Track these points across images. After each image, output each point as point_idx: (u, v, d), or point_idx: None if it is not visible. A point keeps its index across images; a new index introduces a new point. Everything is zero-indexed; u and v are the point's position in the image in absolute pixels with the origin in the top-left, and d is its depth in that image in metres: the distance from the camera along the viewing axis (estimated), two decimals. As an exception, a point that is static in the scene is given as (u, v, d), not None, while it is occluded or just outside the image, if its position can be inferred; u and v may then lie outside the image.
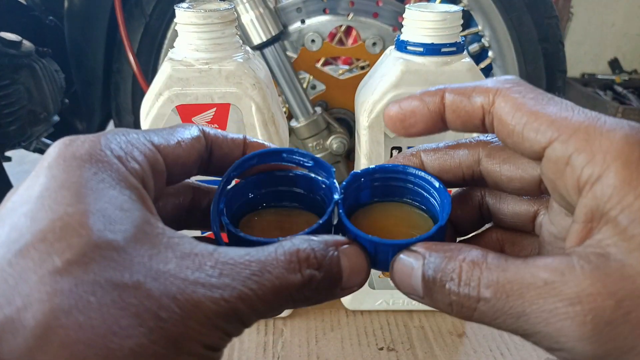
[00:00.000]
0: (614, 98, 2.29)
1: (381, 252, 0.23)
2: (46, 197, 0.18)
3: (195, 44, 0.42)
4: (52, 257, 0.17)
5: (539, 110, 0.21)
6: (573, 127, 0.20)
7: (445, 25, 0.43)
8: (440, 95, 0.24)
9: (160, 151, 0.22)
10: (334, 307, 0.56)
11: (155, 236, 0.19)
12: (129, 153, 0.21)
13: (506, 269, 0.19)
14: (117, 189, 0.19)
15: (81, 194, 0.18)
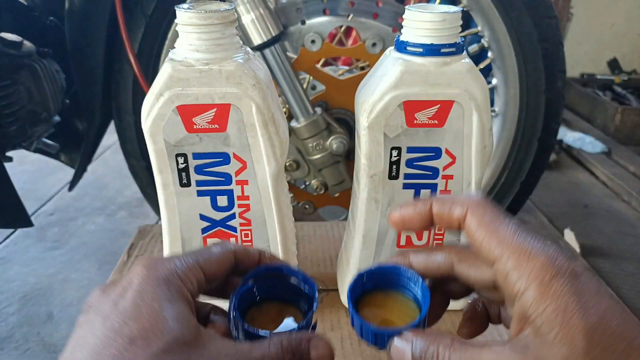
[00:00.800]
0: (613, 98, 2.29)
1: (380, 337, 0.32)
2: (142, 307, 0.28)
3: (196, 44, 0.42)
4: (152, 346, 0.27)
5: (493, 231, 0.30)
6: (512, 250, 0.28)
7: (445, 26, 0.43)
8: (429, 205, 0.33)
9: (204, 272, 0.32)
10: (334, 307, 0.56)
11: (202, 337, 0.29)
12: (188, 277, 0.31)
13: (466, 351, 0.28)
14: (182, 302, 0.30)
15: (164, 306, 0.28)
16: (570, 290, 0.26)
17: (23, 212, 0.96)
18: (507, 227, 0.30)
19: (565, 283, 0.27)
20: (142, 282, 0.29)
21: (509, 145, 1.01)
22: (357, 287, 0.36)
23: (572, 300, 0.26)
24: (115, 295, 0.29)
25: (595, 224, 1.48)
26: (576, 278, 0.27)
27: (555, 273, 0.27)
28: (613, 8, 2.51)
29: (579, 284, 0.27)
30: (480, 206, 0.31)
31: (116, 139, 1.03)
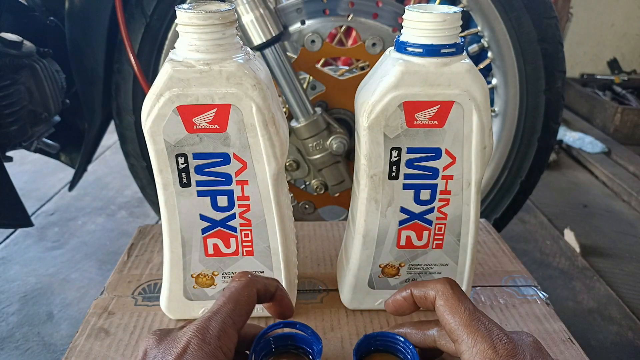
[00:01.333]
0: (613, 98, 2.29)
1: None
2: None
3: (196, 44, 0.43)
4: None
5: (454, 316, 0.39)
6: (467, 334, 0.38)
7: (445, 26, 0.43)
8: (410, 291, 0.43)
9: (239, 333, 0.39)
10: (333, 307, 0.57)
11: None
12: (229, 347, 0.37)
13: None
14: None
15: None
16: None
17: (23, 212, 0.96)
18: (466, 312, 0.39)
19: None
20: (196, 349, 0.35)
21: (509, 145, 1.01)
22: (362, 347, 0.45)
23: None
24: (173, 356, 0.35)
25: (595, 224, 1.48)
26: (512, 357, 0.36)
27: (493, 356, 0.36)
28: (613, 8, 2.51)
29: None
30: (446, 291, 0.40)
31: (116, 139, 1.03)
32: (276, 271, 0.52)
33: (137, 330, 0.53)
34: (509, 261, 0.66)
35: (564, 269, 1.28)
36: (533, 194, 1.10)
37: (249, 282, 0.41)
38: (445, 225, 0.51)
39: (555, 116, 0.98)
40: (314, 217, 1.04)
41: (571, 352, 0.50)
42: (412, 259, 0.53)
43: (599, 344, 1.04)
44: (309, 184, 1.00)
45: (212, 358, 0.35)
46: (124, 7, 0.84)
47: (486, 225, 0.75)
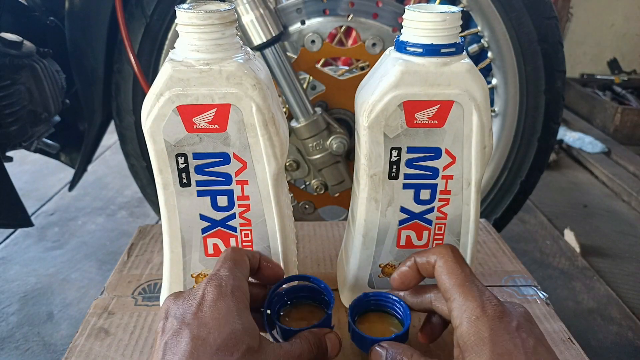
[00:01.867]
0: (613, 98, 2.29)
1: (369, 341, 0.45)
2: (220, 319, 0.36)
3: (196, 44, 0.43)
4: (233, 354, 0.35)
5: (450, 276, 0.40)
6: (459, 293, 0.39)
7: (445, 26, 0.43)
8: (413, 260, 0.44)
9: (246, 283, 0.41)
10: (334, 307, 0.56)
11: (262, 343, 0.38)
12: (245, 291, 0.40)
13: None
14: (247, 313, 0.38)
15: (235, 319, 0.37)
16: (487, 328, 0.36)
17: (23, 212, 0.96)
18: (461, 274, 0.40)
19: (485, 322, 0.37)
20: (215, 297, 0.37)
21: (508, 145, 1.01)
22: (358, 306, 0.48)
23: (487, 336, 0.36)
24: (194, 307, 0.37)
25: (595, 224, 1.48)
26: (499, 319, 0.37)
27: (480, 314, 0.37)
28: (613, 8, 2.51)
29: (498, 324, 0.37)
30: (446, 254, 0.41)
31: (116, 139, 1.03)
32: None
33: (137, 330, 0.53)
34: (509, 261, 0.66)
35: (564, 269, 1.28)
36: (533, 194, 1.10)
37: (235, 248, 0.44)
38: (445, 225, 0.51)
39: (555, 116, 0.98)
40: (314, 217, 1.04)
41: (571, 352, 0.50)
42: (412, 258, 0.53)
43: (599, 344, 1.04)
44: (309, 184, 1.00)
45: (229, 302, 0.37)
46: (124, 7, 0.84)
47: (486, 225, 0.75)
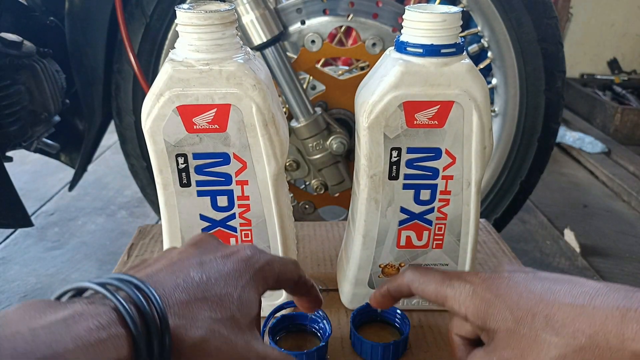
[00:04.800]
0: (613, 98, 2.29)
1: (369, 347, 0.48)
2: (228, 280, 0.32)
3: (196, 44, 0.43)
4: (224, 309, 0.31)
5: (429, 284, 0.39)
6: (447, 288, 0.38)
7: (445, 26, 0.43)
8: (385, 287, 0.43)
9: (276, 282, 0.37)
10: (333, 307, 0.57)
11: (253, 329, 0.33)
12: (267, 279, 0.35)
13: None
14: (257, 293, 0.34)
15: (245, 289, 0.33)
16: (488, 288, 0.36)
17: (23, 212, 0.96)
18: (438, 277, 0.39)
19: (483, 287, 0.36)
20: (239, 261, 0.34)
21: (509, 145, 1.01)
22: (359, 315, 0.51)
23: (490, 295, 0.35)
24: (220, 255, 0.34)
25: (595, 224, 1.48)
26: (491, 277, 0.37)
27: (475, 285, 0.36)
28: (613, 8, 2.51)
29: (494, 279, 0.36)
30: (414, 274, 0.40)
31: (116, 139, 1.03)
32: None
33: (137, 330, 0.53)
34: (509, 261, 0.66)
35: (564, 269, 1.28)
36: (533, 194, 1.10)
37: (297, 266, 0.40)
38: (445, 225, 0.51)
39: (555, 116, 0.98)
40: (314, 217, 1.04)
41: (571, 352, 0.50)
42: (412, 259, 0.53)
43: (599, 344, 1.04)
44: (309, 184, 1.00)
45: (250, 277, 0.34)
46: (124, 7, 0.84)
47: (486, 225, 0.75)
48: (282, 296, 0.53)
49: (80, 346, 0.24)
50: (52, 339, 0.23)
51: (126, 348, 0.26)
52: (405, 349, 0.50)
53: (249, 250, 0.35)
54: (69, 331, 0.24)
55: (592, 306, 0.32)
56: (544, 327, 0.33)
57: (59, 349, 0.23)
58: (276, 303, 0.51)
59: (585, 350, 0.31)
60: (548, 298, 0.34)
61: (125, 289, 0.28)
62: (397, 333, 0.51)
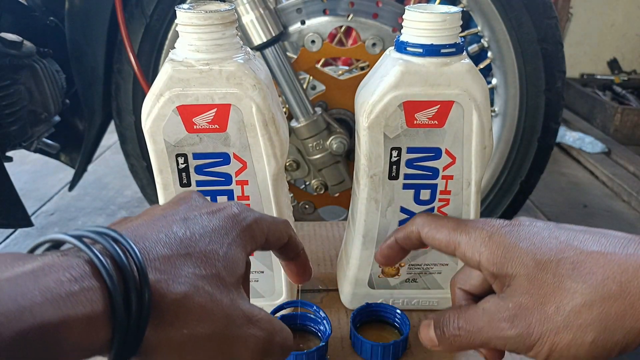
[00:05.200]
0: (613, 98, 2.29)
1: (369, 347, 0.48)
2: (214, 237, 0.30)
3: (196, 44, 0.43)
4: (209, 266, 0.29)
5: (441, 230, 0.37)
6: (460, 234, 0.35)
7: (445, 27, 0.43)
8: (393, 238, 0.41)
9: (266, 242, 0.35)
10: (333, 307, 0.57)
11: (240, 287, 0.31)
12: (257, 238, 0.34)
13: (468, 309, 0.35)
14: (245, 252, 0.32)
15: (232, 246, 0.31)
16: (505, 235, 0.33)
17: (23, 212, 0.96)
18: (451, 222, 0.37)
19: (501, 233, 0.34)
20: (226, 218, 0.32)
21: (509, 145, 1.01)
22: (359, 315, 0.51)
23: (510, 240, 0.33)
24: (206, 212, 0.32)
25: (595, 224, 1.48)
26: (510, 225, 0.34)
27: (492, 232, 0.34)
28: (613, 8, 2.51)
29: (512, 227, 0.34)
30: (425, 219, 0.38)
31: (116, 139, 1.03)
32: (276, 271, 0.52)
33: (137, 330, 0.53)
34: None
35: (564, 269, 1.28)
36: (533, 194, 1.10)
37: (288, 223, 0.38)
38: (445, 225, 0.51)
39: (555, 116, 0.98)
40: (314, 217, 1.04)
41: (571, 352, 0.50)
42: (412, 259, 0.53)
43: (599, 344, 1.04)
44: (309, 184, 1.00)
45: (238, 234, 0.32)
46: (124, 7, 0.84)
47: (486, 225, 0.75)
48: (282, 296, 0.53)
49: (50, 299, 0.22)
50: (17, 291, 0.21)
51: (101, 303, 0.24)
52: (405, 349, 0.50)
53: (236, 207, 0.33)
54: (37, 283, 0.22)
55: (625, 254, 0.30)
56: (570, 273, 0.31)
57: (25, 303, 0.21)
58: (276, 303, 0.51)
59: (614, 299, 0.29)
60: (576, 245, 0.32)
61: (102, 242, 0.26)
62: (397, 333, 0.51)
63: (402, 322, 0.50)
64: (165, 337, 0.26)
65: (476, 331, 0.34)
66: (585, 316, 0.30)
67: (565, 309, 0.30)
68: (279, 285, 0.53)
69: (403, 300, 0.55)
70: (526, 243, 0.33)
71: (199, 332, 0.27)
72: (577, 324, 0.30)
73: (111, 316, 0.24)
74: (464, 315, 0.35)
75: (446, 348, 0.36)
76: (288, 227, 0.37)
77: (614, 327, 0.29)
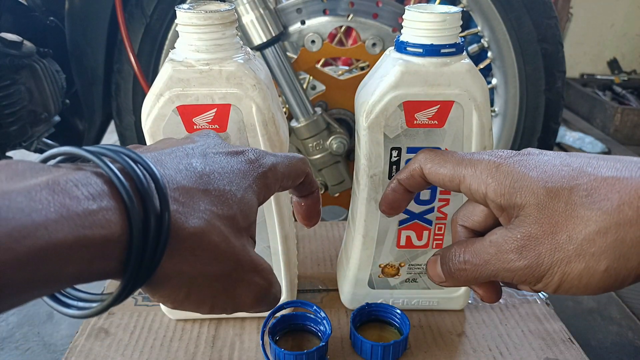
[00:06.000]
0: (613, 98, 2.29)
1: (369, 346, 0.48)
2: (232, 178, 0.30)
3: (196, 44, 0.43)
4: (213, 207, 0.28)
5: (446, 164, 0.35)
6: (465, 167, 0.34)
7: (445, 27, 0.43)
8: (396, 180, 0.39)
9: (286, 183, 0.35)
10: (334, 307, 0.57)
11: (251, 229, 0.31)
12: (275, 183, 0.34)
13: (474, 242, 0.34)
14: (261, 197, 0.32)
15: (245, 190, 0.30)
16: (514, 165, 0.32)
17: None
18: (455, 156, 0.35)
19: (509, 163, 0.32)
20: (244, 162, 0.32)
21: (509, 145, 1.01)
22: (359, 315, 0.51)
23: (519, 168, 0.32)
24: (225, 152, 0.32)
25: (595, 224, 1.48)
26: (518, 154, 0.33)
27: (498, 162, 0.32)
28: (613, 8, 2.51)
29: (520, 156, 0.33)
30: (427, 155, 0.37)
31: (116, 139, 1.03)
32: (276, 271, 0.52)
33: (137, 330, 0.53)
34: None
35: (564, 269, 1.28)
36: (533, 194, 1.10)
37: (305, 160, 0.38)
38: (445, 225, 0.51)
39: (555, 116, 0.98)
40: (314, 217, 1.04)
41: (571, 352, 0.50)
42: (412, 258, 0.53)
43: (599, 344, 1.04)
44: (309, 184, 1.00)
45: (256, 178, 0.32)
46: (124, 7, 0.84)
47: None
48: (282, 296, 0.53)
49: (65, 216, 0.20)
50: (31, 206, 0.20)
51: (119, 224, 0.22)
52: (405, 349, 0.50)
53: (253, 153, 0.33)
54: (53, 198, 0.21)
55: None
56: (584, 201, 0.29)
57: (39, 219, 0.20)
58: None
59: (631, 224, 0.28)
60: (589, 171, 0.30)
61: (121, 162, 0.24)
62: (397, 333, 0.51)
63: (402, 322, 0.50)
64: (178, 270, 0.26)
65: (483, 264, 0.33)
66: (599, 243, 0.28)
67: (577, 237, 0.29)
68: (279, 285, 0.53)
69: (403, 300, 0.55)
70: (536, 172, 0.31)
71: (210, 270, 0.27)
72: (590, 252, 0.28)
73: (128, 240, 0.23)
74: (470, 248, 0.34)
75: (453, 283, 0.35)
76: (305, 165, 0.37)
77: (630, 254, 0.28)
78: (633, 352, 1.02)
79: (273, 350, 0.46)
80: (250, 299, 0.30)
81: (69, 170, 0.23)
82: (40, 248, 0.19)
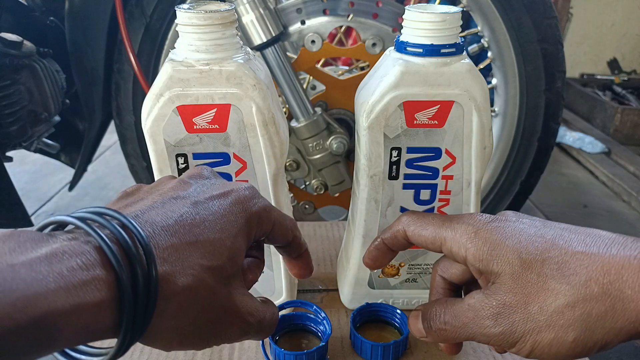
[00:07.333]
0: (613, 98, 2.29)
1: (369, 346, 0.48)
2: (223, 225, 0.31)
3: (196, 44, 0.43)
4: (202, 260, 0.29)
5: (427, 228, 0.37)
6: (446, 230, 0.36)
7: (445, 27, 0.43)
8: (380, 239, 0.41)
9: (272, 235, 0.36)
10: (334, 307, 0.57)
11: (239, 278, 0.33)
12: (263, 228, 0.34)
13: (454, 303, 0.36)
14: (246, 242, 0.33)
15: (237, 237, 0.32)
16: (491, 231, 0.34)
17: (23, 212, 0.96)
18: (436, 220, 0.37)
19: (486, 230, 0.34)
20: (236, 203, 0.32)
21: (508, 145, 1.01)
22: (359, 315, 0.51)
23: (495, 237, 0.34)
24: (217, 194, 0.32)
25: (595, 224, 1.48)
26: (496, 219, 0.35)
27: (477, 228, 0.35)
28: (613, 8, 2.51)
29: (498, 222, 0.35)
30: (410, 218, 0.39)
31: (116, 139, 1.03)
32: (276, 271, 0.52)
33: (137, 330, 0.53)
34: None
35: (564, 269, 1.28)
36: (533, 194, 1.10)
37: (295, 224, 0.38)
38: (445, 225, 0.51)
39: (555, 116, 0.98)
40: (314, 217, 1.05)
41: (571, 352, 0.50)
42: (412, 258, 0.53)
43: (599, 344, 1.04)
44: (309, 184, 1.00)
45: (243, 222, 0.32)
46: (124, 7, 0.84)
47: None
48: (282, 296, 0.53)
49: (63, 287, 0.23)
50: (33, 277, 0.22)
51: (111, 291, 0.25)
52: (405, 349, 0.50)
53: (247, 190, 0.34)
54: (51, 270, 0.23)
55: (609, 255, 0.30)
56: (554, 274, 0.31)
57: (40, 289, 0.22)
58: (276, 303, 0.51)
59: (596, 300, 0.30)
60: (561, 245, 0.32)
61: (110, 227, 0.26)
62: (397, 333, 0.51)
63: (402, 322, 0.50)
64: (168, 325, 0.28)
65: (461, 327, 0.35)
66: (568, 316, 0.30)
67: (548, 309, 0.31)
68: (279, 285, 0.53)
69: (403, 300, 0.55)
70: (512, 241, 0.33)
71: (198, 320, 0.29)
72: (560, 324, 0.31)
73: (119, 304, 0.25)
74: (450, 310, 0.36)
75: (433, 339, 0.37)
76: (294, 227, 0.37)
77: (595, 327, 0.30)
78: (633, 352, 1.02)
79: (273, 350, 0.46)
80: (238, 336, 0.33)
81: (65, 241, 0.25)
82: (40, 316, 0.22)
